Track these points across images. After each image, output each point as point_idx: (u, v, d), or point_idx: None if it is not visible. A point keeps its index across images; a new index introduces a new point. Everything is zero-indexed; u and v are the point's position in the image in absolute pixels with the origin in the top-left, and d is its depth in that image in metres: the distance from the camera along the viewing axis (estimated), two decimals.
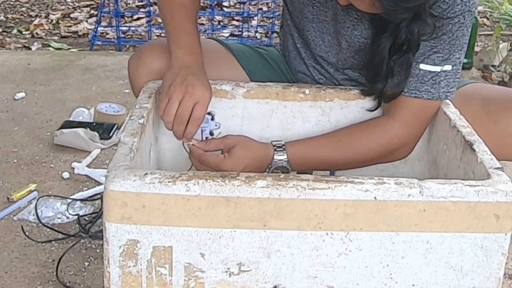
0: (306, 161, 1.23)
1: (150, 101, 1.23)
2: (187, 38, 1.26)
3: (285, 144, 1.22)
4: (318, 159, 1.24)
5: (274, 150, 1.21)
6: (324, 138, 1.27)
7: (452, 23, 1.19)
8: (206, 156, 1.19)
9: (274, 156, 1.21)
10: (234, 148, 1.19)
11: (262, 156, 1.20)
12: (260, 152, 1.21)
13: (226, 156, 1.19)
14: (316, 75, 1.41)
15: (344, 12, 1.27)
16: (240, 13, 3.99)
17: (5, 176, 1.96)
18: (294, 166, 1.22)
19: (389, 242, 0.98)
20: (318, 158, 1.24)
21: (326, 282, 1.00)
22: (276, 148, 1.21)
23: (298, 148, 1.23)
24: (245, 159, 1.18)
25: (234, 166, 1.16)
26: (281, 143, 1.22)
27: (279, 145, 1.22)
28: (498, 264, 1.00)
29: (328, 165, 1.27)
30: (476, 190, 0.97)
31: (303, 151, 1.23)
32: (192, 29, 1.29)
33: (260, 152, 1.21)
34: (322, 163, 1.25)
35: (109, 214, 0.96)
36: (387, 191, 0.96)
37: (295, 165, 1.22)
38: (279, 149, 1.21)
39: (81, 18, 4.09)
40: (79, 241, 1.62)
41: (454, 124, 1.19)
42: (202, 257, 0.98)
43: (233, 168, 1.15)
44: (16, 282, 1.49)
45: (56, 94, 2.65)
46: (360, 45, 1.30)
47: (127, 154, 1.02)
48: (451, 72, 1.23)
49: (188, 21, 1.29)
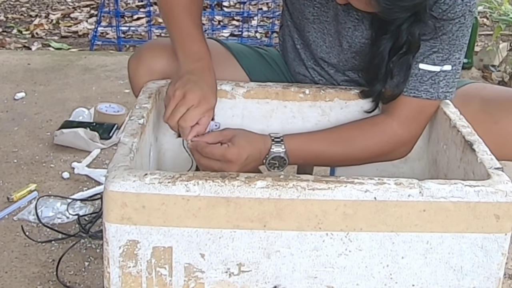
0: (303, 153, 1.23)
1: (150, 101, 1.22)
2: (193, 45, 1.26)
3: (283, 137, 1.22)
4: (315, 153, 1.24)
5: (272, 142, 1.21)
6: (322, 133, 1.28)
7: (453, 23, 1.19)
8: (210, 147, 1.19)
9: (272, 147, 1.21)
10: (235, 137, 1.19)
11: (261, 147, 1.20)
12: (259, 142, 1.21)
13: (230, 145, 1.19)
14: (316, 76, 1.41)
15: (345, 12, 1.27)
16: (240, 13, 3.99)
17: (5, 176, 1.96)
18: (292, 158, 1.22)
19: (389, 242, 0.98)
20: (315, 152, 1.24)
21: (326, 283, 1.00)
22: (274, 140, 1.21)
23: (296, 141, 1.23)
24: (248, 148, 1.18)
25: (239, 154, 1.16)
26: (279, 135, 1.22)
27: (277, 136, 1.22)
28: (498, 264, 1.00)
29: (325, 160, 1.27)
30: (476, 190, 0.97)
31: (301, 143, 1.23)
32: (197, 33, 1.28)
33: (259, 142, 1.21)
34: (319, 157, 1.25)
35: (109, 214, 0.96)
36: (387, 192, 0.96)
37: (292, 157, 1.21)
38: (277, 141, 1.21)
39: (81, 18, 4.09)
40: (79, 241, 1.62)
41: (454, 124, 1.19)
42: (202, 257, 0.98)
43: (238, 156, 1.15)
44: (16, 282, 1.49)
45: (56, 94, 2.65)
46: (361, 45, 1.30)
47: (127, 154, 1.02)
48: (450, 72, 1.23)
49: (193, 26, 1.28)
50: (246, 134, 1.23)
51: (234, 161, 1.16)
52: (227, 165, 1.16)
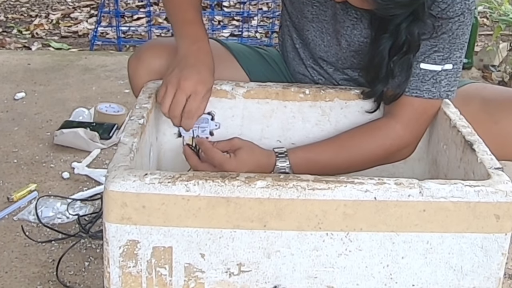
0: (309, 167, 1.21)
1: (150, 101, 1.22)
2: (189, 28, 1.27)
3: (287, 151, 1.22)
4: (320, 165, 1.23)
5: (276, 157, 1.21)
6: (326, 143, 1.27)
7: (452, 22, 1.19)
8: (213, 150, 1.20)
9: (276, 163, 1.21)
10: (239, 150, 1.20)
11: (265, 164, 1.20)
12: (263, 160, 1.21)
13: (231, 156, 1.19)
14: (315, 75, 1.41)
15: (344, 11, 1.27)
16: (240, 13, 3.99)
17: (5, 176, 1.96)
18: (296, 172, 1.21)
19: (389, 242, 0.98)
20: (321, 164, 1.23)
21: (326, 282, 1.00)
22: (278, 155, 1.21)
23: (300, 155, 1.23)
24: (249, 164, 1.18)
25: (236, 167, 1.17)
26: (283, 150, 1.22)
27: (281, 151, 1.22)
28: (498, 264, 1.00)
29: (331, 170, 1.26)
30: (476, 190, 0.96)
31: (305, 157, 1.23)
32: (195, 17, 1.29)
33: (264, 160, 1.21)
34: (324, 169, 1.24)
35: (109, 214, 0.96)
36: (387, 191, 0.96)
37: (298, 171, 1.21)
38: (281, 156, 1.21)
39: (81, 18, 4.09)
40: (79, 241, 1.62)
41: (454, 124, 1.19)
42: (202, 257, 0.98)
43: (235, 170, 1.15)
44: (16, 282, 1.49)
45: (56, 94, 2.65)
46: (360, 44, 1.30)
47: (127, 154, 1.02)
48: (451, 71, 1.23)
49: (191, 10, 1.30)
50: (251, 149, 1.22)
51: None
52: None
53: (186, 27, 1.28)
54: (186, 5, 1.30)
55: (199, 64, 1.21)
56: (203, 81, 1.19)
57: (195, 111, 1.20)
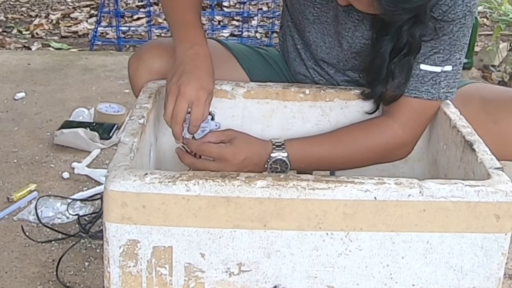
0: (305, 158, 1.23)
1: (150, 101, 1.22)
2: (187, 31, 1.25)
3: (284, 142, 1.22)
4: (316, 157, 1.24)
5: (273, 147, 1.21)
6: (323, 136, 1.28)
7: (453, 24, 1.19)
8: (207, 144, 1.20)
9: (272, 151, 1.21)
10: (235, 138, 1.20)
11: (261, 152, 1.20)
12: (260, 149, 1.21)
13: (227, 145, 1.19)
14: (316, 76, 1.41)
15: (345, 13, 1.27)
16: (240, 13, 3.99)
17: (5, 176, 1.96)
18: (293, 163, 1.22)
19: (389, 242, 0.98)
20: (317, 156, 1.24)
21: (326, 282, 1.00)
22: (275, 145, 1.21)
23: (297, 145, 1.23)
24: (246, 151, 1.19)
25: (235, 154, 1.17)
26: (280, 141, 1.22)
27: (278, 142, 1.22)
28: (498, 264, 1.00)
29: (327, 164, 1.27)
30: (476, 190, 0.97)
31: (302, 148, 1.23)
32: (193, 19, 1.27)
33: (260, 147, 1.21)
34: (320, 161, 1.25)
35: (109, 214, 0.96)
36: (387, 191, 0.96)
37: (294, 161, 1.22)
38: (278, 147, 1.21)
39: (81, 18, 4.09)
40: (79, 241, 1.62)
41: (454, 124, 1.19)
42: (202, 257, 0.98)
43: (234, 156, 1.16)
44: (16, 282, 1.49)
45: (56, 94, 2.65)
46: (361, 46, 1.30)
47: (127, 154, 1.02)
48: (451, 72, 1.23)
49: (190, 12, 1.28)
50: (246, 137, 1.23)
51: (230, 160, 1.16)
52: (223, 164, 1.16)
53: (184, 30, 1.26)
54: (184, 6, 1.28)
55: (197, 69, 1.20)
56: (203, 86, 1.18)
57: (201, 118, 1.18)
